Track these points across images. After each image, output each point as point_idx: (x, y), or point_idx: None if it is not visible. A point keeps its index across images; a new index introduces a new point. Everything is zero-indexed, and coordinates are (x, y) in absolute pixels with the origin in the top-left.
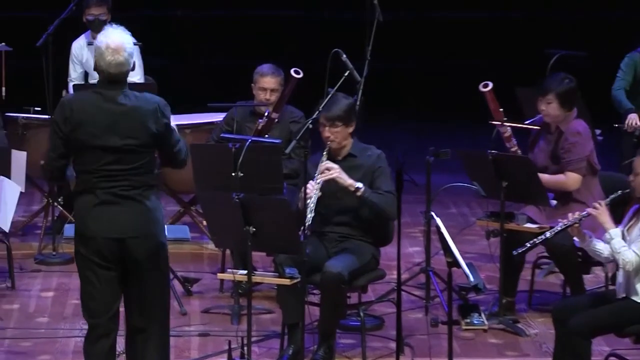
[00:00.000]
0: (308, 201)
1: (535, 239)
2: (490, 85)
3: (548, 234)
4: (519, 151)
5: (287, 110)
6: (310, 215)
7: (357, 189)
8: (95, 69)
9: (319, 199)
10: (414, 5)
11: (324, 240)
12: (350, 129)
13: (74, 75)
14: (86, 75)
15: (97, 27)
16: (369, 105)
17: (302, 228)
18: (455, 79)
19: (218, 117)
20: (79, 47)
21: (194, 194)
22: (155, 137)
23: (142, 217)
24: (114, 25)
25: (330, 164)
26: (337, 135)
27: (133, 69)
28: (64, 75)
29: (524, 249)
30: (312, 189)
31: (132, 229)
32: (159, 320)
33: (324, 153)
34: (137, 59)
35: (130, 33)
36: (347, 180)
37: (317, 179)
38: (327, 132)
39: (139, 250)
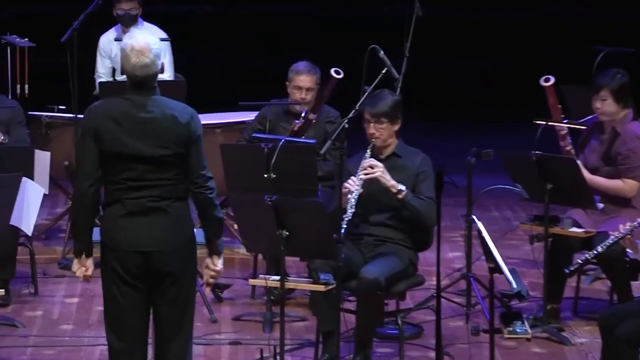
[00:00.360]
0: (349, 196)
1: (587, 255)
2: (552, 79)
3: (600, 249)
4: (572, 151)
5: (323, 109)
6: (350, 212)
7: (400, 191)
8: (122, 73)
9: (357, 199)
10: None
11: (360, 244)
12: (396, 127)
13: (102, 70)
14: (114, 71)
15: (127, 22)
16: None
17: (341, 225)
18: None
19: (249, 116)
20: (108, 41)
21: (224, 196)
22: (186, 148)
23: (170, 229)
24: (145, 24)
25: (373, 162)
26: (383, 132)
27: (162, 71)
28: (90, 72)
29: (576, 267)
30: (354, 184)
31: (159, 242)
32: (181, 336)
33: (368, 150)
34: (168, 55)
35: (161, 29)
36: (389, 180)
37: (359, 175)
38: (371, 129)
39: (164, 264)
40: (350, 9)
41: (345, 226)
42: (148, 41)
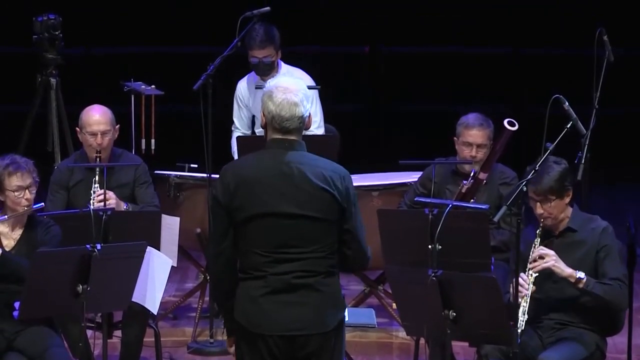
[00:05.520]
0: (521, 300)
1: None
2: None
3: None
4: None
5: (497, 169)
6: (523, 318)
7: (579, 279)
8: (263, 125)
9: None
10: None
11: (538, 328)
12: (567, 199)
13: (239, 122)
14: (253, 124)
15: (262, 71)
16: None
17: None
18: None
19: (411, 177)
20: (244, 88)
21: (381, 270)
22: (338, 215)
23: (322, 310)
24: (286, 68)
25: (544, 251)
26: (552, 210)
27: (308, 127)
28: (224, 123)
29: None
30: (525, 284)
31: (307, 326)
32: None
33: (537, 232)
34: (316, 105)
35: (307, 73)
36: (565, 270)
37: (529, 272)
38: (539, 209)
39: (312, 349)
40: (524, 48)
41: (519, 331)
42: (296, 82)
